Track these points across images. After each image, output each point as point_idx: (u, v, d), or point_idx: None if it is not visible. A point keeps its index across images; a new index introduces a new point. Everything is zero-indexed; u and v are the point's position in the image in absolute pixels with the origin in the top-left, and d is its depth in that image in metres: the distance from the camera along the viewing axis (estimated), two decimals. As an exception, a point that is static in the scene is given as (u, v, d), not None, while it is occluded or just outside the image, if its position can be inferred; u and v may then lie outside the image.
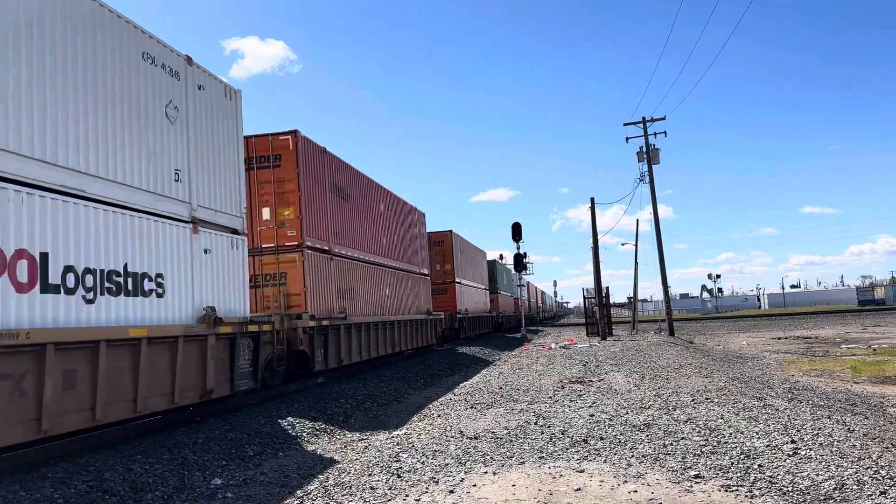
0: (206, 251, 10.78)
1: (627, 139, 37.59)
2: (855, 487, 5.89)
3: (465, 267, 35.31)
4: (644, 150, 36.40)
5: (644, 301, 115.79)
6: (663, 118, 36.87)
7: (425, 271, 27.09)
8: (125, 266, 8.86)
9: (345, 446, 9.65)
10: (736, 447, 7.53)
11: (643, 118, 36.68)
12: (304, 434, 10.69)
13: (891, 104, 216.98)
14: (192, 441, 9.43)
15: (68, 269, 7.89)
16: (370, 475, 7.44)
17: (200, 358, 10.38)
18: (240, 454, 9.19)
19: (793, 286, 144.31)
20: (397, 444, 9.17)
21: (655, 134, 36.57)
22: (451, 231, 33.28)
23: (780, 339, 31.61)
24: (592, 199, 38.60)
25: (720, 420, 9.16)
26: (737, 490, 6.04)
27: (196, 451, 9.03)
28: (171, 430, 9.99)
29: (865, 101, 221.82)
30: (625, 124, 37.57)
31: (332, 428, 11.36)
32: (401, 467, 7.66)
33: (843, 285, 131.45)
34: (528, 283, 73.43)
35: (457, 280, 32.58)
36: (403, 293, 23.07)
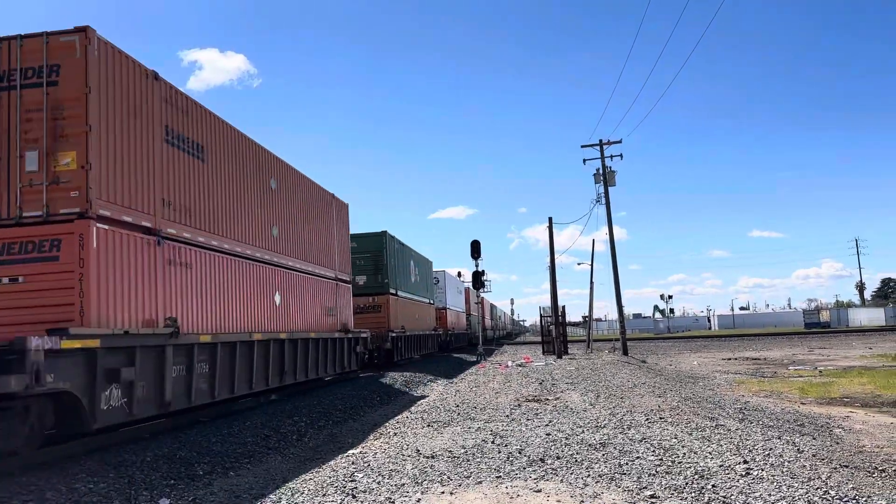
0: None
1: (585, 161, 38.12)
2: (805, 507, 5.99)
3: (218, 185, 13.35)
4: (601, 172, 36.99)
5: (598, 320, 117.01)
6: (619, 141, 37.59)
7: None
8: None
9: (298, 465, 9.46)
10: (690, 467, 7.60)
11: (600, 141, 37.32)
12: (257, 452, 10.46)
13: (834, 136, 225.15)
14: (140, 459, 9.15)
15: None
16: (324, 496, 7.29)
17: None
18: (189, 473, 8.93)
19: (742, 308, 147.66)
20: (352, 463, 9.03)
21: (612, 157, 37.27)
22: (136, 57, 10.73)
23: (729, 359, 32.23)
24: (550, 219, 38.78)
25: (674, 440, 9.25)
26: (691, 510, 6.08)
27: (144, 469, 8.76)
28: (117, 448, 9.67)
29: (811, 131, 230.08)
30: (582, 146, 38.10)
31: (285, 446, 11.14)
32: (356, 487, 7.53)
33: (790, 308, 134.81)
34: (482, 298, 70.07)
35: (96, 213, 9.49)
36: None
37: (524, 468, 7.99)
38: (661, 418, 11.29)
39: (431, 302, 38.70)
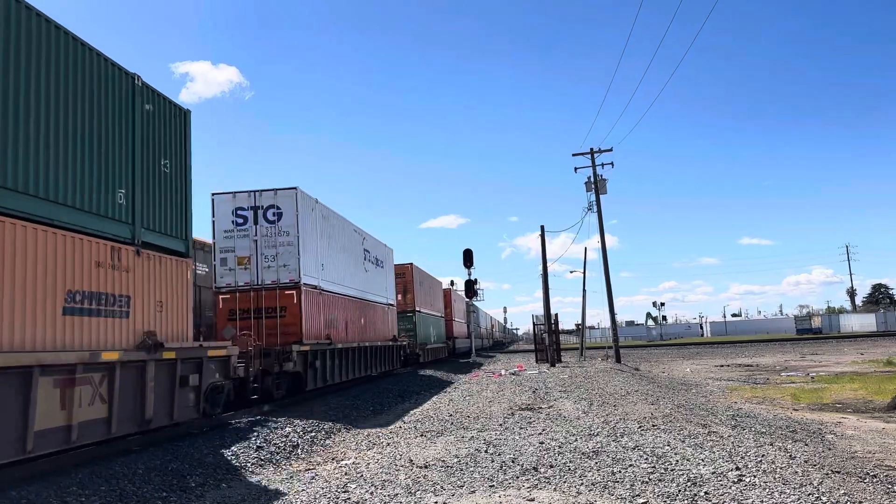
0: None
1: (576, 169, 38.27)
2: (797, 514, 6.00)
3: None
4: (592, 180, 37.13)
5: (591, 328, 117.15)
6: (610, 150, 37.72)
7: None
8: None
9: (291, 477, 9.43)
10: (682, 474, 7.61)
11: (591, 149, 37.46)
12: (249, 464, 10.42)
13: (824, 142, 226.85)
14: (132, 472, 9.09)
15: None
16: (318, 506, 7.26)
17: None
18: (181, 485, 8.89)
19: (734, 315, 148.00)
20: (345, 473, 9.01)
21: (603, 165, 37.38)
22: None
23: (722, 366, 32.33)
24: (542, 227, 38.83)
25: (667, 447, 9.26)
26: (684, 518, 6.09)
27: (135, 482, 8.71)
28: (109, 461, 9.61)
29: (801, 137, 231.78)
30: (573, 154, 38.26)
31: (277, 458, 11.10)
32: (349, 498, 7.51)
33: (781, 314, 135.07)
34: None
35: None
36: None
37: (517, 477, 7.99)
38: (653, 426, 11.30)
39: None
